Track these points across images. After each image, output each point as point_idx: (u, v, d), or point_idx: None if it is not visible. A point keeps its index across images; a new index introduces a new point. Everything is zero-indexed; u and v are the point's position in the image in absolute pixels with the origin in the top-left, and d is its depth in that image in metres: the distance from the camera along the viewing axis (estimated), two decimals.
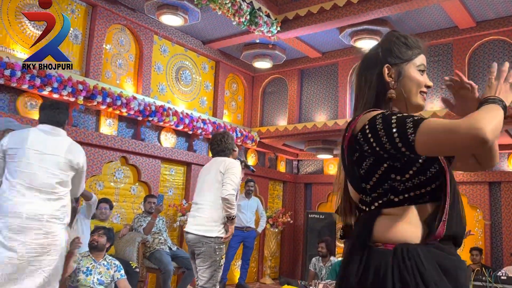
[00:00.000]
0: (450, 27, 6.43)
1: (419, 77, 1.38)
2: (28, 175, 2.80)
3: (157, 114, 6.31)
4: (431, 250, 1.19)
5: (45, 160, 2.85)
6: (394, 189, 1.24)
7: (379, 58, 1.38)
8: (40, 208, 2.78)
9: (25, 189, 2.78)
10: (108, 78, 6.15)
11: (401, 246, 1.19)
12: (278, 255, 8.69)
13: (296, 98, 8.10)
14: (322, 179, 9.00)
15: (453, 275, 1.19)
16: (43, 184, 2.82)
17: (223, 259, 3.55)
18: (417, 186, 1.23)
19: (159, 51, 6.91)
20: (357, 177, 1.30)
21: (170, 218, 6.75)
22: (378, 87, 1.36)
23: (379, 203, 1.26)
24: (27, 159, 2.82)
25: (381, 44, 1.42)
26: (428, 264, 1.16)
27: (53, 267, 2.80)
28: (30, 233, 2.72)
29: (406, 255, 1.17)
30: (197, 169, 7.14)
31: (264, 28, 6.25)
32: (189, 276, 5.65)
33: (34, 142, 2.87)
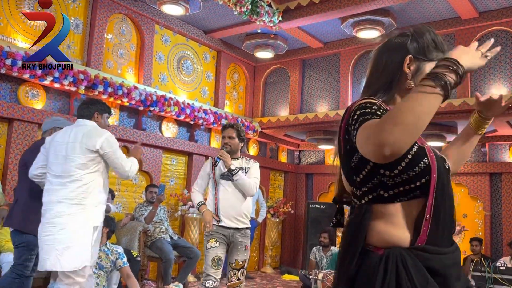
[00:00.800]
0: (452, 18, 6.40)
1: None
2: (55, 165, 3.09)
3: (158, 104, 6.32)
4: (418, 254, 1.19)
5: (68, 148, 3.11)
6: (383, 184, 1.22)
7: (405, 46, 1.36)
8: (55, 192, 3.04)
9: (53, 177, 3.08)
10: (109, 67, 6.15)
11: (388, 251, 1.19)
12: (279, 245, 8.75)
13: (298, 88, 8.09)
14: (323, 170, 9.02)
15: (442, 275, 1.19)
16: (64, 170, 3.06)
17: (208, 243, 3.62)
18: (406, 181, 1.21)
19: (160, 40, 6.90)
20: (349, 169, 1.30)
21: (172, 208, 6.79)
22: (394, 73, 1.35)
23: (369, 197, 1.25)
24: (55, 151, 3.12)
25: (412, 33, 1.38)
26: (414, 269, 1.16)
27: (64, 245, 2.94)
28: (46, 214, 3.02)
29: (393, 261, 1.17)
30: (198, 159, 7.17)
31: (266, 18, 6.23)
32: (189, 265, 5.69)
33: (60, 137, 3.16)
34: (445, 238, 1.25)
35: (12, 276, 3.39)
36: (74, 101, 5.68)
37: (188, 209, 6.59)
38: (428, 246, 1.20)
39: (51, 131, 3.58)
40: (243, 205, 3.72)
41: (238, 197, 3.69)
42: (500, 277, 4.68)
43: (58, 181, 3.04)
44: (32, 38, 5.35)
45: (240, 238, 3.67)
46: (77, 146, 3.07)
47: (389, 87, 1.36)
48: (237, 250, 3.66)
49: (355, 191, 1.30)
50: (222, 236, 3.64)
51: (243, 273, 3.69)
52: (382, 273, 1.16)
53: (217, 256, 3.57)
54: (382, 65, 1.37)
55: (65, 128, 3.26)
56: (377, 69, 1.39)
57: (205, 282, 3.56)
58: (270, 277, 7.60)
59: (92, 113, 3.27)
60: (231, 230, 3.65)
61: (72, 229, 2.96)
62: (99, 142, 3.10)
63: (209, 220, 3.61)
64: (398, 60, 1.35)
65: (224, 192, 3.68)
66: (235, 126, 3.79)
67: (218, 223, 3.65)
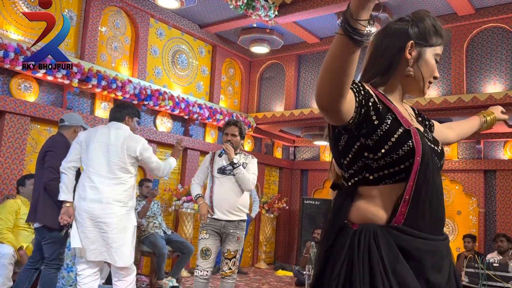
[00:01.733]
0: (449, 14, 6.38)
1: (434, 65, 1.37)
2: (97, 164, 3.30)
3: (152, 98, 6.27)
4: (392, 232, 1.18)
5: (109, 149, 3.33)
6: (368, 166, 1.23)
7: (406, 31, 1.34)
8: (101, 192, 3.26)
9: (95, 176, 3.28)
10: (103, 61, 6.09)
11: (362, 226, 1.20)
12: (273, 241, 8.74)
13: (294, 84, 8.06)
14: (318, 166, 9.01)
15: (415, 258, 1.17)
16: (109, 171, 3.30)
17: (200, 234, 3.76)
18: (390, 164, 1.21)
19: (155, 34, 6.84)
20: (337, 153, 1.31)
21: (166, 203, 6.75)
22: (394, 58, 1.33)
23: (355, 180, 1.27)
24: (96, 150, 3.32)
25: (412, 19, 1.36)
26: (385, 245, 1.16)
27: (118, 244, 3.28)
28: (94, 212, 3.24)
29: (366, 235, 1.18)
30: (193, 154, 7.14)
31: (262, 12, 6.18)
32: (183, 260, 5.67)
33: (100, 136, 3.37)
34: (427, 223, 1.22)
35: (51, 271, 3.57)
36: (67, 94, 5.62)
37: (182, 204, 6.56)
38: (404, 227, 1.19)
39: (76, 128, 3.77)
40: (238, 199, 3.80)
41: (232, 191, 3.79)
42: (493, 274, 4.68)
43: (103, 181, 3.28)
44: (25, 30, 5.29)
45: (232, 229, 3.74)
46: (119, 149, 3.35)
47: (387, 72, 1.35)
48: (229, 240, 3.74)
49: (344, 174, 1.32)
50: (214, 228, 3.74)
51: (235, 264, 3.75)
52: (356, 246, 1.17)
53: (205, 247, 3.68)
54: (382, 50, 1.36)
55: (101, 128, 3.45)
56: (377, 54, 1.37)
57: (195, 271, 3.72)
58: (264, 273, 7.60)
59: (124, 117, 3.53)
60: (223, 222, 3.74)
61: (123, 230, 3.31)
62: (139, 148, 3.41)
63: (204, 213, 3.73)
64: (398, 46, 1.34)
65: (218, 186, 3.79)
66: (239, 124, 3.92)
67: (211, 216, 3.76)
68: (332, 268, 1.20)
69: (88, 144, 3.35)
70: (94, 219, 3.26)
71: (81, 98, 5.83)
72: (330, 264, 1.23)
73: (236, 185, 3.79)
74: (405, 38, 1.33)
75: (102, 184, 3.28)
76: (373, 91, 1.26)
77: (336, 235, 1.24)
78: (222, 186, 3.78)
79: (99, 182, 3.28)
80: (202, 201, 3.79)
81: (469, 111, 6.17)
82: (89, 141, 3.35)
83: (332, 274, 1.19)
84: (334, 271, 1.19)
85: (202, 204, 3.77)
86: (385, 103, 1.26)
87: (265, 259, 8.32)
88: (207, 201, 3.81)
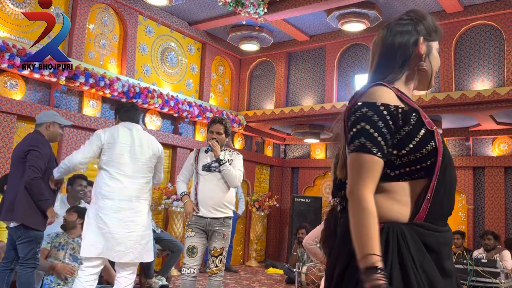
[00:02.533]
0: (437, 11, 6.39)
1: (439, 58, 1.48)
2: (122, 165, 3.35)
3: (141, 96, 6.22)
4: (416, 229, 1.25)
5: (135, 150, 3.40)
6: (391, 163, 1.29)
7: (415, 28, 1.42)
8: (130, 191, 3.32)
9: (121, 176, 3.32)
10: (91, 58, 6.03)
11: (387, 225, 1.25)
12: (264, 239, 8.73)
13: (284, 81, 8.05)
14: (308, 164, 9.01)
15: (436, 251, 1.26)
16: (135, 171, 3.37)
17: (186, 233, 3.76)
18: (412, 162, 1.28)
19: (144, 31, 6.79)
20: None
21: (155, 201, 6.71)
22: (407, 55, 1.40)
23: None
24: (119, 152, 3.36)
25: (414, 17, 1.45)
26: (412, 243, 1.23)
27: (146, 241, 3.36)
28: (123, 212, 3.27)
29: (394, 234, 1.23)
30: (182, 152, 7.10)
31: (251, 9, 6.15)
32: (173, 259, 5.65)
33: (123, 137, 3.41)
34: (442, 217, 1.33)
35: (28, 271, 3.52)
36: (55, 92, 5.56)
37: (172, 202, 6.52)
38: (426, 223, 1.28)
39: (49, 124, 3.72)
40: (223, 196, 3.77)
41: (218, 188, 3.76)
42: (482, 270, 4.71)
43: (131, 181, 3.34)
44: (10, 27, 5.22)
45: (217, 226, 3.72)
46: (145, 150, 3.45)
47: (402, 68, 1.41)
48: (215, 237, 3.71)
49: None
50: (200, 226, 3.71)
51: (221, 261, 3.73)
52: (384, 245, 1.21)
53: (191, 245, 3.66)
54: (395, 48, 1.41)
55: (121, 129, 3.45)
56: (388, 52, 1.43)
57: (182, 270, 3.70)
58: (254, 271, 7.58)
59: (140, 118, 3.69)
60: (208, 219, 3.71)
61: (148, 226, 3.42)
62: (161, 148, 3.59)
63: (189, 211, 3.71)
64: (410, 42, 1.41)
65: (203, 184, 3.77)
66: (224, 122, 3.92)
67: (196, 214, 3.73)
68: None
69: (112, 145, 3.36)
70: (123, 219, 3.26)
71: (69, 96, 5.76)
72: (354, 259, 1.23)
73: (221, 182, 3.76)
74: (415, 34, 1.41)
75: (132, 184, 3.34)
76: (396, 93, 1.33)
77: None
78: (207, 183, 3.75)
79: (128, 182, 3.32)
80: (187, 199, 3.75)
81: (458, 108, 6.21)
82: (113, 142, 3.37)
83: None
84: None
85: (188, 202, 3.74)
86: (409, 103, 1.33)
87: (255, 257, 8.31)
88: (192, 199, 3.78)
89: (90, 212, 3.31)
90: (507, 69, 6.00)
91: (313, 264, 5.46)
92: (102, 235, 3.21)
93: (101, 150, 3.38)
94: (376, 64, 1.45)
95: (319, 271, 5.29)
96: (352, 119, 1.28)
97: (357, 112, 1.28)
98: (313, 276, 5.29)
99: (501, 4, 5.98)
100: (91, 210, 3.31)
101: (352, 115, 1.29)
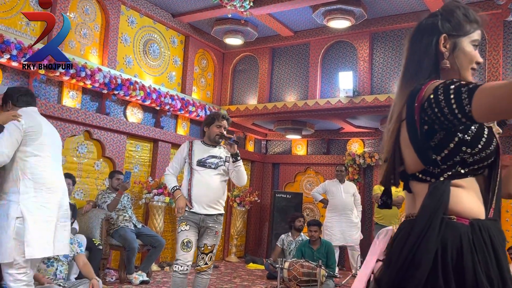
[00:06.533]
0: (422, 10, 6.45)
1: (472, 52, 1.40)
2: (51, 148, 3.11)
3: (123, 88, 6.09)
4: (495, 225, 1.27)
5: (54, 135, 3.19)
6: (463, 161, 1.28)
7: (437, 26, 1.38)
8: (61, 176, 3.15)
9: (52, 159, 3.08)
10: (71, 48, 5.86)
11: (476, 221, 1.24)
12: (244, 234, 8.70)
13: (267, 77, 8.01)
14: (290, 160, 9.02)
15: (503, 248, 1.28)
16: (58, 155, 3.21)
17: (179, 227, 3.59)
18: (482, 159, 1.28)
19: (126, 22, 6.64)
20: (427, 149, 1.30)
21: (136, 196, 6.59)
22: (435, 55, 1.37)
23: (448, 174, 1.29)
24: (46, 136, 3.09)
25: (441, 12, 1.41)
26: (496, 240, 1.24)
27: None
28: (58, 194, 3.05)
29: (482, 230, 1.22)
30: (164, 146, 6.99)
31: (237, 3, 6.08)
32: (154, 254, 5.56)
33: (42, 120, 3.16)
34: (499, 215, 1.36)
35: None
36: (34, 81, 5.38)
37: (153, 197, 6.42)
38: (496, 220, 1.30)
39: None
40: (218, 193, 3.69)
41: (212, 184, 3.66)
42: None
43: (57, 164, 3.16)
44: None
45: (210, 223, 3.64)
46: (58, 137, 3.28)
47: (436, 69, 1.38)
48: (207, 234, 3.63)
49: (432, 169, 1.32)
50: (194, 220, 3.60)
51: (211, 258, 3.66)
52: (481, 240, 1.21)
53: (186, 239, 3.52)
54: (424, 49, 1.39)
55: (37, 113, 3.18)
56: (420, 54, 1.40)
57: (174, 266, 3.53)
58: (235, 266, 7.55)
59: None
60: (202, 215, 3.61)
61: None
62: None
63: (182, 206, 3.57)
64: (435, 41, 1.37)
65: (198, 179, 3.65)
66: (229, 120, 3.86)
67: (189, 210, 3.61)
68: (461, 265, 1.19)
69: (37, 129, 3.04)
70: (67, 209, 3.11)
71: (48, 86, 5.59)
72: (443, 260, 1.19)
73: (216, 178, 3.68)
74: (438, 32, 1.38)
75: (57, 168, 3.18)
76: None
77: (439, 229, 1.23)
78: (202, 179, 3.64)
79: (56, 166, 3.17)
80: (180, 194, 3.63)
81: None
82: (36, 124, 3.07)
83: (467, 270, 1.19)
84: (470, 268, 1.18)
85: (180, 197, 3.61)
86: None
87: (235, 253, 8.28)
88: (184, 194, 3.65)
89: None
90: (489, 69, 6.10)
91: (295, 260, 5.46)
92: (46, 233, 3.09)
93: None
94: (411, 68, 1.41)
95: (301, 267, 5.29)
96: (441, 98, 1.21)
97: (439, 92, 1.22)
98: (295, 272, 5.28)
99: (484, 5, 6.07)
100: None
101: (438, 98, 1.22)
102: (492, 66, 6.08)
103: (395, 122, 1.38)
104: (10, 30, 5.18)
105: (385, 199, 1.50)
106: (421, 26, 1.43)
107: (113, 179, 5.58)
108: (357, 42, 7.16)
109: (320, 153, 8.81)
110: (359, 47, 7.15)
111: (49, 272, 3.78)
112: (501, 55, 6.06)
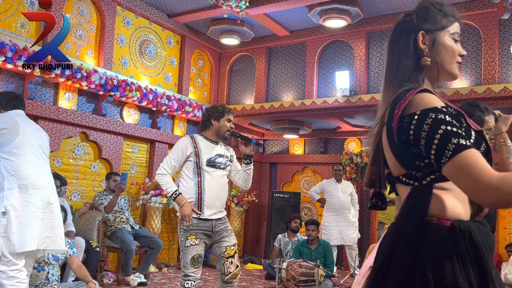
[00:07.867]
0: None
1: (453, 45, 1.38)
2: (33, 147, 3.17)
3: (119, 89, 6.07)
4: (480, 227, 1.23)
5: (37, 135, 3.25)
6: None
7: (413, 24, 1.37)
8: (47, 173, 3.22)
9: (35, 157, 3.16)
10: (67, 49, 5.84)
11: (457, 223, 1.20)
12: (242, 234, 8.69)
13: (264, 77, 8.01)
14: (287, 159, 9.01)
15: (491, 251, 1.24)
16: (42, 153, 3.24)
17: (188, 240, 3.19)
18: None
19: (122, 23, 6.62)
20: (406, 155, 1.26)
21: (133, 197, 6.58)
22: (414, 54, 1.35)
23: (431, 177, 1.25)
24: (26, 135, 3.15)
25: (416, 11, 1.39)
26: (480, 241, 1.20)
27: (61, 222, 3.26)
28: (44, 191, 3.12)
29: (462, 232, 1.19)
30: (161, 147, 6.98)
31: (233, 3, 6.07)
32: (151, 256, 5.55)
33: (23, 120, 3.23)
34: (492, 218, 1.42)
35: None
36: (29, 83, 5.36)
37: (150, 198, 6.41)
38: (483, 221, 1.27)
39: None
40: (226, 195, 3.48)
41: (223, 186, 3.39)
42: None
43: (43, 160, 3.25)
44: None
45: (222, 225, 3.34)
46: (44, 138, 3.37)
47: (417, 67, 1.36)
48: (224, 236, 3.32)
49: (415, 174, 1.28)
50: (204, 230, 3.23)
51: (238, 258, 3.37)
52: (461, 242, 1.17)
53: (197, 254, 3.18)
54: (403, 49, 1.37)
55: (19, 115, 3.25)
56: (396, 57, 1.38)
57: (183, 282, 3.18)
58: None
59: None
60: (213, 221, 3.27)
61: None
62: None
63: (189, 213, 3.16)
64: (412, 40, 1.36)
65: (210, 182, 3.27)
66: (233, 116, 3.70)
67: (198, 216, 3.22)
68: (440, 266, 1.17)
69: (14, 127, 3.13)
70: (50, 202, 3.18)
71: (44, 88, 5.57)
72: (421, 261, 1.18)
73: (224, 179, 3.38)
74: (415, 30, 1.36)
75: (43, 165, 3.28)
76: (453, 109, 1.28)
77: (419, 231, 1.21)
78: (214, 181, 3.27)
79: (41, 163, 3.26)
80: (184, 200, 3.19)
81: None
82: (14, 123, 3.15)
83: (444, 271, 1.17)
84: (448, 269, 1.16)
85: (186, 203, 3.18)
86: (453, 107, 1.28)
87: None
88: (193, 199, 3.24)
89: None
90: (484, 68, 6.11)
91: (294, 260, 5.46)
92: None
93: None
94: (393, 69, 1.39)
95: (299, 267, 5.29)
96: (426, 129, 1.18)
97: (426, 121, 1.18)
98: (293, 272, 5.28)
99: (479, 3, 6.08)
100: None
101: (421, 127, 1.19)
102: (488, 64, 6.09)
103: (378, 126, 1.36)
104: (5, 32, 5.15)
105: (375, 201, 1.47)
106: (398, 27, 1.41)
107: (110, 180, 5.56)
108: (354, 41, 7.16)
109: (318, 152, 8.82)
110: (356, 47, 7.15)
111: (40, 276, 3.74)
112: (496, 54, 6.07)
